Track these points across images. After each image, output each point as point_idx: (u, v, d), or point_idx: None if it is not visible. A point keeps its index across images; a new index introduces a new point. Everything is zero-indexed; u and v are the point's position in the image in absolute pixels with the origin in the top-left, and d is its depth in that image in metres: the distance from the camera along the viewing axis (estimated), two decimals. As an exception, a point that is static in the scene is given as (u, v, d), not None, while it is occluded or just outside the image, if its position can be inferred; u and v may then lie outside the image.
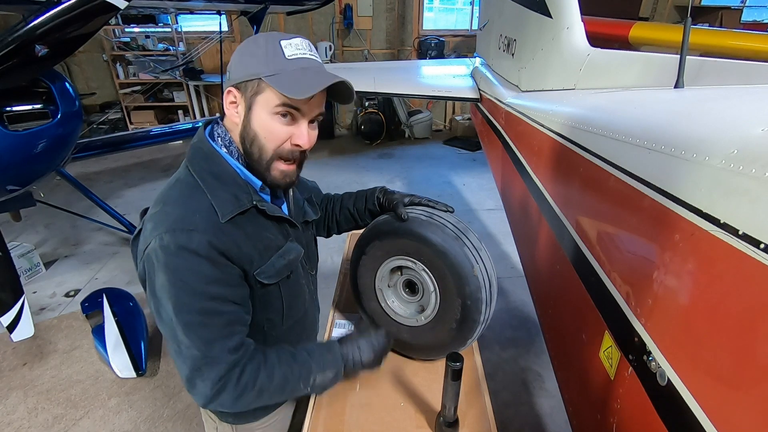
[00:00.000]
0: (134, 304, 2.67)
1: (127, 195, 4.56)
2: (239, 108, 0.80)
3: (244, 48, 0.79)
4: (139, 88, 6.18)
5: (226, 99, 0.80)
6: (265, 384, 0.81)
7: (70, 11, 1.54)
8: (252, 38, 0.79)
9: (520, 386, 2.30)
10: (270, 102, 0.76)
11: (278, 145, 0.80)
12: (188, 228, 0.73)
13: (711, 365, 0.55)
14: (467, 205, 4.40)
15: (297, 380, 0.86)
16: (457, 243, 1.00)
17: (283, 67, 0.75)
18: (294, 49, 0.76)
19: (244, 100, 0.78)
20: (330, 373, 0.90)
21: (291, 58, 0.75)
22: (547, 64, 1.66)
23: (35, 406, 2.15)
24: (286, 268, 0.90)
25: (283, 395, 0.87)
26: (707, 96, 0.95)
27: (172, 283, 0.73)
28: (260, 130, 0.79)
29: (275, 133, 0.79)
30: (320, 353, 0.90)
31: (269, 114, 0.77)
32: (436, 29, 6.65)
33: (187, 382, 0.77)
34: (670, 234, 0.63)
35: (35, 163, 1.97)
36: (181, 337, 0.75)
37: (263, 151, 0.80)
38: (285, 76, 0.74)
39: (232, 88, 0.79)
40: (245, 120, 0.79)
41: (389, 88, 3.10)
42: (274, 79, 0.74)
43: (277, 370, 0.83)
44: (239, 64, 0.78)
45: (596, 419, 0.86)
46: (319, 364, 0.88)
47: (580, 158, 1.02)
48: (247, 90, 0.77)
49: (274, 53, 0.75)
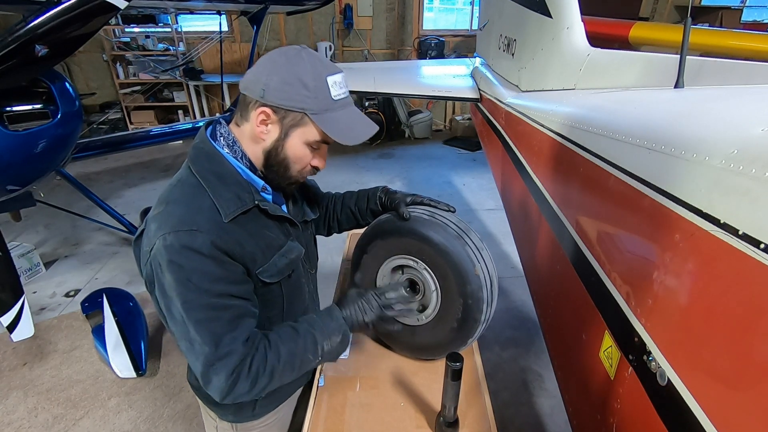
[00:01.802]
0: (134, 304, 2.67)
1: (127, 195, 4.56)
2: (270, 128, 0.81)
3: (289, 69, 0.77)
4: (139, 88, 6.17)
5: (256, 114, 0.80)
6: (275, 364, 0.81)
7: (70, 11, 1.54)
8: (296, 61, 0.78)
9: (520, 386, 2.30)
10: (310, 136, 0.82)
11: (302, 168, 0.87)
12: (191, 228, 0.74)
13: (711, 365, 0.55)
14: (467, 205, 4.40)
15: (304, 352, 0.85)
16: (459, 242, 1.00)
17: (329, 107, 0.79)
18: (338, 89, 0.80)
19: (280, 126, 0.81)
20: (336, 338, 0.89)
21: (336, 98, 0.80)
22: (547, 64, 1.66)
23: (35, 406, 2.15)
24: (288, 267, 0.90)
25: (295, 371, 0.86)
26: (707, 96, 0.95)
27: (179, 282, 0.74)
28: (291, 156, 0.84)
29: (303, 160, 0.85)
30: (322, 321, 0.90)
31: (304, 144, 0.83)
32: (436, 29, 6.65)
33: (203, 378, 0.78)
34: (670, 234, 0.63)
35: (35, 163, 1.97)
36: (193, 335, 0.76)
37: (288, 170, 0.86)
38: (333, 119, 0.80)
39: (268, 109, 0.79)
40: (277, 143, 0.83)
41: (389, 88, 3.10)
42: (321, 119, 0.79)
43: (282, 347, 0.83)
44: (282, 89, 0.77)
45: (596, 419, 0.86)
46: (322, 332, 0.88)
47: (580, 158, 1.02)
48: (287, 118, 0.80)
49: (322, 90, 0.78)
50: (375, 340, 1.28)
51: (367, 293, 0.95)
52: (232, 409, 1.01)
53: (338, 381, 1.13)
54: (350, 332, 0.92)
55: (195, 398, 1.07)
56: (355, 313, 0.92)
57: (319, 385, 1.11)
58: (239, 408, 1.01)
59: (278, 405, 1.07)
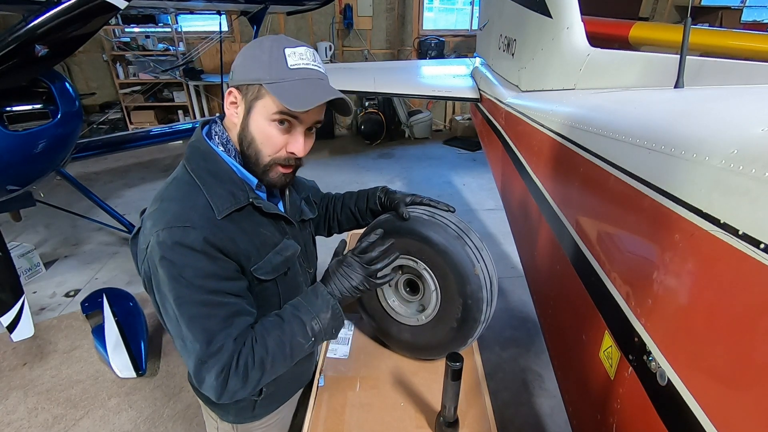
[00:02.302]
0: (134, 304, 2.67)
1: (127, 195, 4.56)
2: (239, 109, 0.81)
3: (249, 50, 0.80)
4: (139, 88, 6.17)
5: (227, 99, 0.82)
6: (264, 355, 0.79)
7: (70, 11, 1.54)
8: (258, 40, 0.80)
9: (520, 386, 2.30)
10: (268, 109, 0.78)
11: (275, 152, 0.82)
12: (184, 224, 0.74)
13: (711, 365, 0.55)
14: (467, 205, 4.40)
15: (293, 337, 0.82)
16: (459, 242, 1.00)
17: (285, 76, 0.76)
18: (297, 58, 0.77)
19: (245, 103, 0.80)
20: (326, 315, 0.85)
21: (293, 67, 0.77)
22: (547, 64, 1.66)
23: (35, 406, 2.15)
24: (283, 264, 0.90)
25: (288, 359, 0.83)
26: (707, 96, 0.95)
27: (172, 278, 0.74)
28: (257, 135, 0.80)
29: (272, 139, 0.80)
30: (307, 301, 0.87)
31: (267, 120, 0.79)
32: (436, 29, 6.65)
33: (196, 378, 0.77)
34: (670, 234, 0.63)
35: (35, 163, 1.97)
36: (186, 331, 0.76)
37: (260, 155, 0.82)
38: (285, 85, 0.76)
39: (234, 89, 0.80)
40: (243, 122, 0.81)
41: (389, 88, 3.10)
42: (274, 87, 0.76)
43: (268, 337, 0.81)
44: (242, 66, 0.79)
45: (596, 419, 0.86)
46: (308, 312, 0.85)
47: (580, 158, 1.02)
48: (248, 93, 0.79)
49: (278, 60, 0.76)
50: (375, 339, 1.28)
51: (345, 257, 0.92)
52: (232, 409, 1.01)
53: (338, 381, 1.13)
54: (340, 305, 0.88)
55: (195, 398, 1.07)
56: (339, 281, 0.88)
57: (319, 386, 1.11)
58: (240, 409, 1.01)
59: (279, 406, 1.07)
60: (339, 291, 0.88)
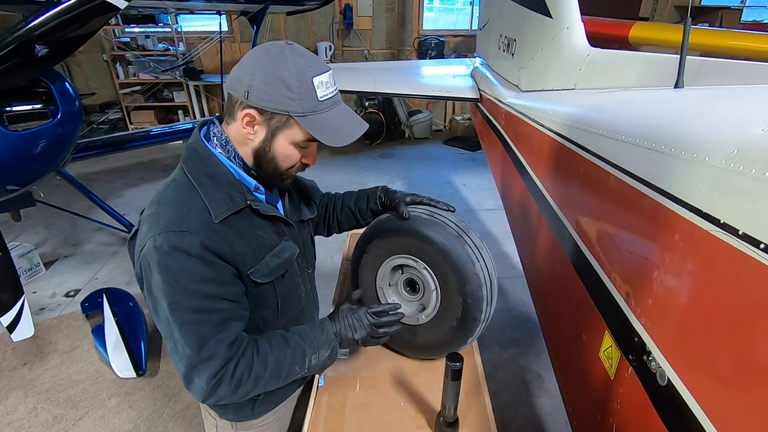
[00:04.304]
0: (134, 304, 2.67)
1: (127, 195, 4.56)
2: (257, 129, 0.80)
3: (271, 70, 0.74)
4: (139, 88, 6.17)
5: (242, 116, 0.78)
6: (260, 373, 0.82)
7: (69, 11, 1.54)
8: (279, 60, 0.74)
9: (520, 386, 2.30)
10: (296, 137, 0.80)
11: (292, 165, 0.86)
12: (180, 229, 0.74)
13: (711, 365, 0.55)
14: (467, 205, 4.40)
15: (291, 364, 0.87)
16: (459, 241, 1.01)
17: (315, 109, 0.77)
18: (325, 89, 0.78)
19: (266, 127, 0.80)
20: (325, 352, 0.91)
21: (323, 99, 0.78)
22: (547, 64, 1.66)
23: (35, 406, 2.15)
24: (281, 267, 0.90)
25: (280, 381, 0.87)
26: (707, 96, 0.95)
27: (167, 282, 0.74)
28: (279, 155, 0.83)
29: (292, 158, 0.85)
30: (313, 334, 0.91)
31: (291, 145, 0.82)
32: (436, 29, 6.65)
33: (184, 379, 0.78)
34: (670, 234, 0.63)
35: (35, 163, 1.97)
36: (177, 336, 0.76)
37: (278, 169, 0.86)
38: (319, 120, 0.78)
39: (253, 111, 0.77)
40: (264, 144, 0.82)
41: (389, 88, 3.10)
42: (307, 122, 0.77)
43: (270, 356, 0.84)
44: (265, 90, 0.74)
45: (596, 419, 0.86)
46: (312, 345, 0.89)
47: (580, 158, 1.02)
48: (272, 120, 0.78)
49: (309, 93, 0.76)
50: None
51: (359, 311, 0.96)
52: (231, 408, 1.01)
53: (338, 381, 1.13)
54: (339, 348, 0.93)
55: (194, 398, 1.07)
56: (345, 329, 0.93)
57: (319, 385, 1.11)
58: (239, 407, 1.01)
59: (278, 404, 1.07)
60: (342, 336, 0.93)
